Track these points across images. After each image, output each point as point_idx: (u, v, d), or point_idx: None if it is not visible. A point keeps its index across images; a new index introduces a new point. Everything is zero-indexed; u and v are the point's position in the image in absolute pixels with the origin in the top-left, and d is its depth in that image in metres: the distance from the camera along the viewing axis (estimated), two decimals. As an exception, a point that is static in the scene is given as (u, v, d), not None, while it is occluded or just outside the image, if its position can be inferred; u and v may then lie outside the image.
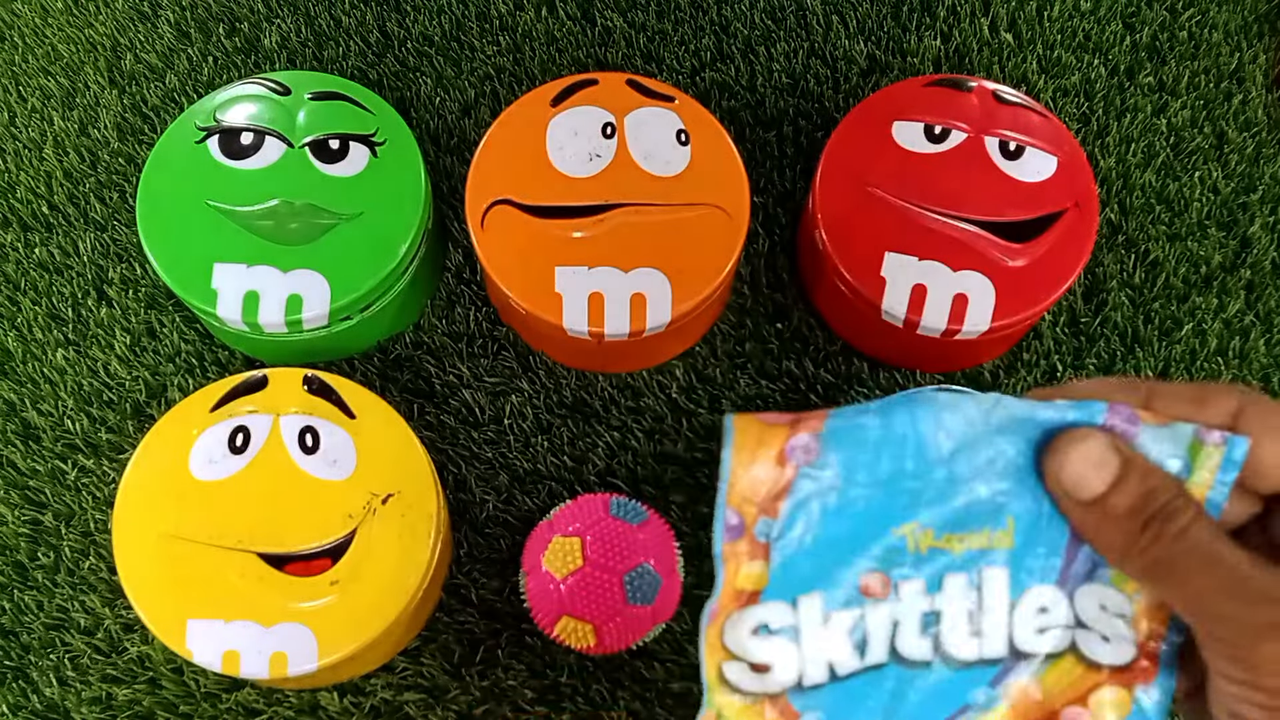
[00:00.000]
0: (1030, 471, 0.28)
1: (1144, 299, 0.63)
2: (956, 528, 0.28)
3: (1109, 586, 0.28)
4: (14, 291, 0.63)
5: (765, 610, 0.28)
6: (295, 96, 0.59)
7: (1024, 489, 0.28)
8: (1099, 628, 0.28)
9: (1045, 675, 0.28)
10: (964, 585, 0.28)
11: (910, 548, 0.28)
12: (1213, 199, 0.66)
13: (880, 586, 0.28)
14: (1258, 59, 0.69)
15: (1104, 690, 0.28)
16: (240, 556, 0.50)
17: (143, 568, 0.50)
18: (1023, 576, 0.28)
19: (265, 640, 0.49)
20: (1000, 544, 0.28)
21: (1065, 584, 0.28)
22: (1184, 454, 0.27)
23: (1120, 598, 0.28)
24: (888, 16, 0.70)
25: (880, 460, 0.28)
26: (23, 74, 0.68)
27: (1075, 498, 0.27)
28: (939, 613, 0.28)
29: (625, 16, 0.69)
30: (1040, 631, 0.28)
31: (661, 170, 0.57)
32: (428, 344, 0.62)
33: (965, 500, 0.28)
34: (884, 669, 0.28)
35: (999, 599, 0.28)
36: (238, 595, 0.49)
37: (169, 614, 0.49)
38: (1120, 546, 0.27)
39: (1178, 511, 0.26)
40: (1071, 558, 0.28)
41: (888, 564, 0.28)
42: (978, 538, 0.28)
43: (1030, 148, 0.58)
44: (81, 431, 0.59)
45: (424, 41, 0.69)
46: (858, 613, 0.28)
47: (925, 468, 0.28)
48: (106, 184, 0.65)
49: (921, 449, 0.28)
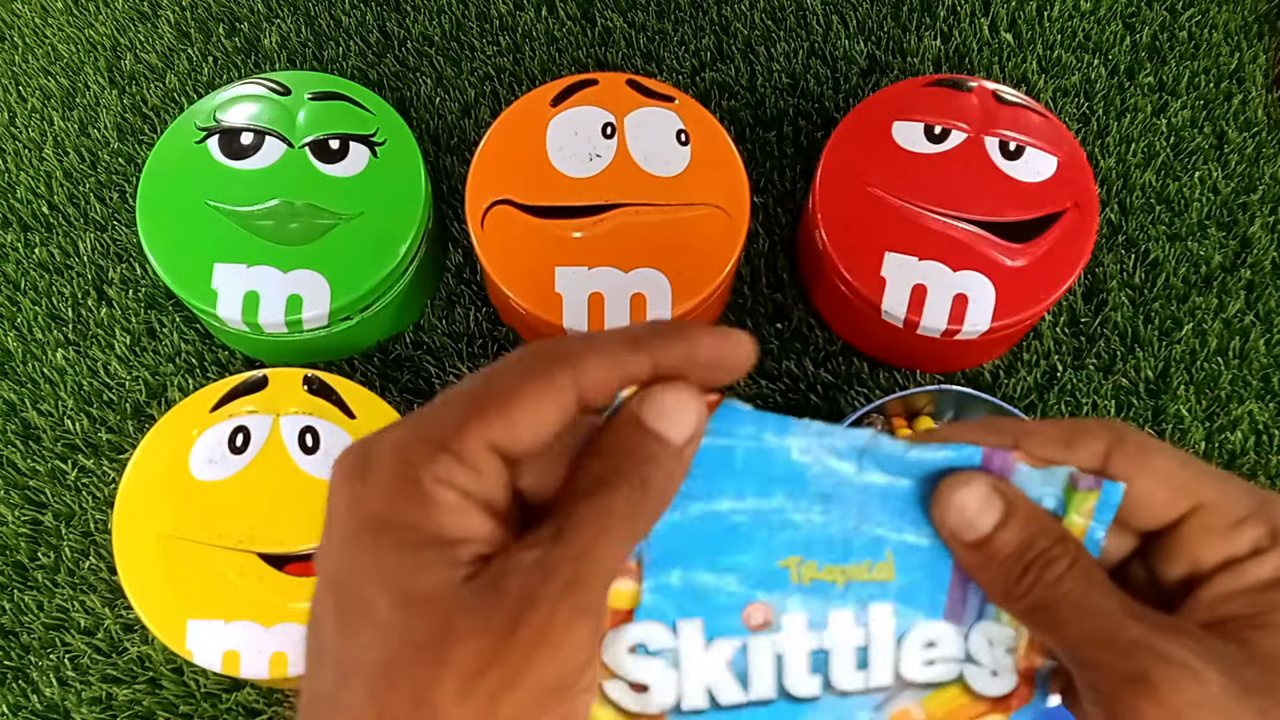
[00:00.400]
0: (906, 509, 0.28)
1: (1144, 299, 0.63)
2: (838, 559, 0.28)
3: (995, 621, 0.29)
4: (14, 291, 0.63)
5: (642, 630, 0.28)
6: (295, 96, 0.59)
7: (902, 525, 0.28)
8: (988, 663, 0.29)
9: (928, 700, 0.29)
10: (850, 622, 0.28)
11: (794, 578, 0.28)
12: (1213, 199, 0.66)
13: (763, 618, 0.28)
14: (1258, 59, 0.69)
15: (986, 719, 0.29)
16: (240, 556, 0.50)
17: (143, 568, 0.50)
18: (909, 612, 0.29)
19: (265, 640, 0.49)
20: (881, 575, 0.28)
21: (958, 619, 0.29)
22: (1059, 495, 0.27)
23: (1006, 632, 0.28)
24: (888, 16, 0.70)
25: (748, 487, 0.28)
26: (23, 74, 0.68)
27: (960, 539, 0.27)
28: (828, 651, 0.28)
29: (625, 16, 0.69)
30: (928, 664, 0.29)
31: (661, 170, 0.57)
32: (428, 344, 0.62)
33: (843, 533, 0.28)
34: (773, 705, 0.28)
35: (886, 635, 0.28)
36: (238, 595, 0.49)
37: (169, 614, 0.49)
38: (1001, 590, 0.27)
39: (1057, 558, 0.26)
40: (959, 594, 0.29)
41: (770, 593, 0.28)
42: (858, 569, 0.28)
43: (1030, 148, 0.58)
44: (81, 431, 0.59)
45: (424, 41, 0.69)
46: (739, 643, 0.28)
47: (799, 501, 0.28)
48: (106, 184, 0.65)
49: (794, 481, 0.28)
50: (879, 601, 0.28)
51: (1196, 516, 0.26)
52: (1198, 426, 0.61)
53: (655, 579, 0.27)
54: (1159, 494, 0.26)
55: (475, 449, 0.24)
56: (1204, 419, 0.61)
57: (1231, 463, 0.60)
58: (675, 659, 0.28)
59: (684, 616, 0.28)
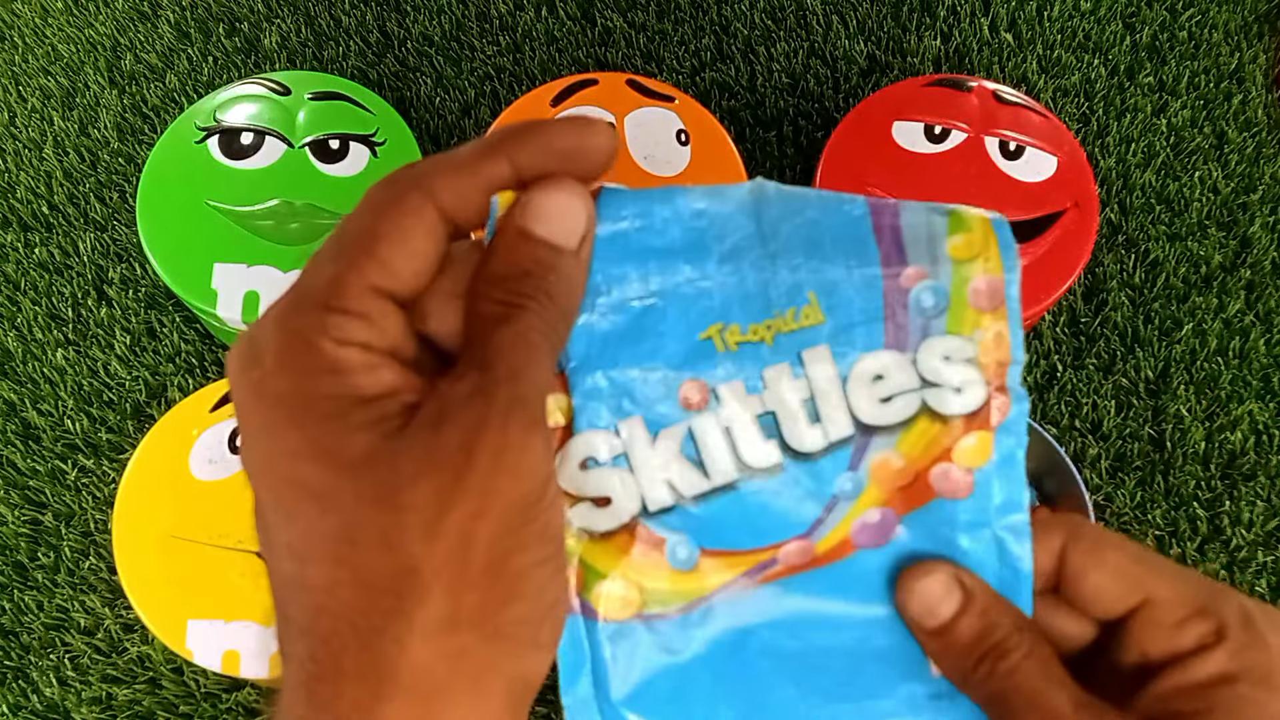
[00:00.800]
0: (818, 244, 0.27)
1: (1144, 299, 0.63)
2: (760, 315, 0.27)
3: (947, 336, 0.27)
4: (14, 291, 0.63)
5: (585, 442, 0.26)
6: (295, 96, 0.59)
7: (819, 262, 0.27)
8: (948, 381, 0.27)
9: (901, 443, 0.27)
10: (787, 375, 0.27)
11: (720, 347, 0.27)
12: (1213, 199, 0.66)
13: (699, 396, 0.27)
14: (1258, 59, 0.69)
15: (965, 440, 0.27)
16: (240, 556, 0.50)
17: (143, 568, 0.50)
18: (846, 350, 0.27)
19: (265, 640, 0.49)
20: (809, 321, 0.27)
21: (902, 345, 0.27)
22: (944, 221, 0.27)
23: (961, 342, 0.27)
24: (888, 16, 0.70)
25: (650, 266, 0.27)
26: (23, 74, 0.68)
27: (922, 626, 0.27)
28: (774, 412, 0.27)
29: (625, 16, 0.69)
30: (884, 401, 0.27)
31: (662, 170, 0.57)
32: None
33: (760, 287, 0.27)
34: (739, 485, 0.27)
35: (828, 380, 0.27)
36: (238, 595, 0.49)
37: (169, 614, 0.49)
38: (959, 677, 0.27)
39: (1011, 650, 0.26)
40: (897, 318, 0.27)
41: (700, 370, 0.27)
42: (783, 321, 0.27)
43: (1030, 148, 0.58)
44: (81, 431, 0.59)
45: (424, 41, 0.69)
46: (683, 428, 0.27)
47: (705, 266, 0.27)
48: (106, 184, 0.65)
49: (693, 250, 0.27)
50: (812, 347, 0.27)
51: (1146, 611, 0.27)
52: (1197, 426, 0.61)
53: (582, 387, 0.27)
54: (1111, 588, 0.27)
55: (359, 299, 0.23)
56: (1204, 419, 0.61)
57: (1231, 462, 0.60)
58: (627, 461, 0.27)
59: (622, 418, 0.27)
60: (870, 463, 0.27)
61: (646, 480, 0.27)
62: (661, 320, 0.27)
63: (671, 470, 0.27)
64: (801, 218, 0.27)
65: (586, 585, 0.27)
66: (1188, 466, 0.60)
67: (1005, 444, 0.27)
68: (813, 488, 0.27)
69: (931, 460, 0.27)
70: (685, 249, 0.27)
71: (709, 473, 0.27)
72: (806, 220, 0.27)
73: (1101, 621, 0.28)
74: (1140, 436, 0.61)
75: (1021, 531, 0.27)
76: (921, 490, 0.27)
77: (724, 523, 0.27)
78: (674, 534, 0.27)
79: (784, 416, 0.27)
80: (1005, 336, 0.27)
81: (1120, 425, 0.61)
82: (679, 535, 0.27)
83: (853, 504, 0.27)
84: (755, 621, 0.27)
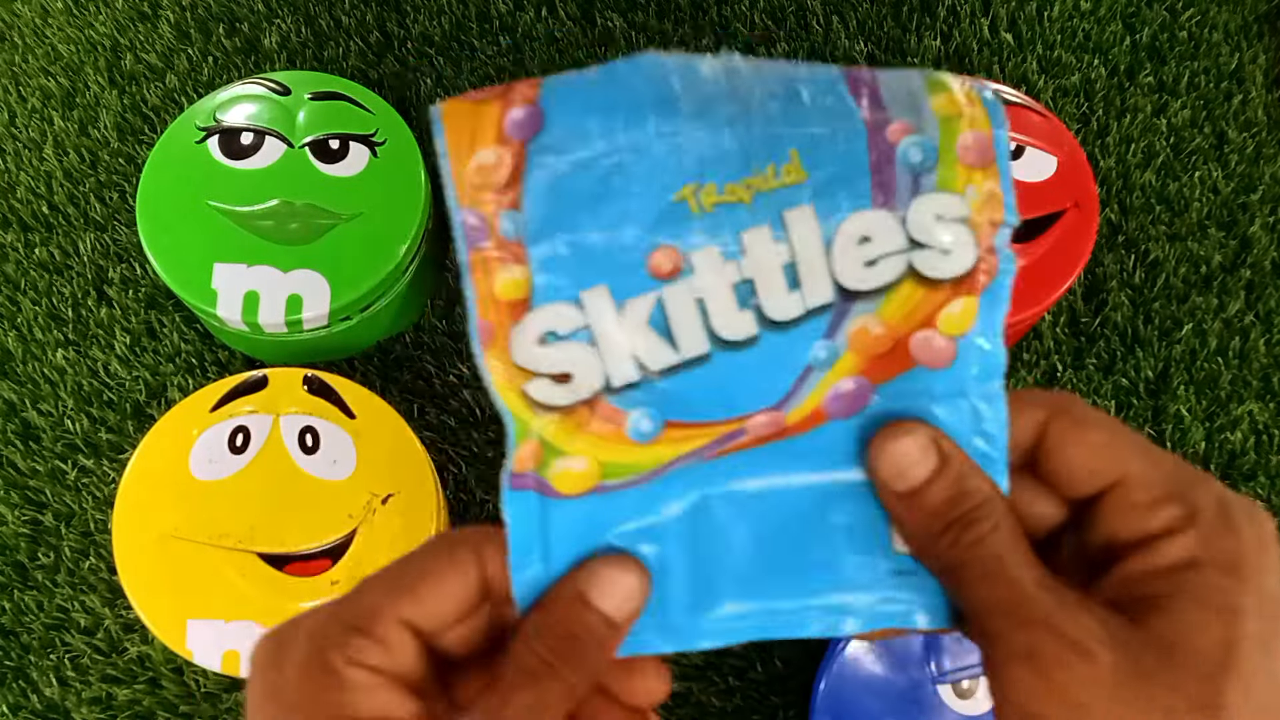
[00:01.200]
0: (797, 102, 0.25)
1: (1144, 299, 0.63)
2: (738, 174, 0.25)
3: (939, 193, 0.25)
4: (14, 291, 0.63)
5: (544, 315, 0.25)
6: (295, 96, 0.59)
7: (797, 118, 0.25)
8: (938, 242, 0.25)
9: (883, 309, 0.26)
10: (768, 239, 0.25)
11: (694, 209, 0.25)
12: (1213, 199, 0.66)
13: (671, 264, 0.25)
14: (1258, 59, 0.69)
15: (950, 306, 0.26)
16: (240, 556, 0.50)
17: (143, 568, 0.50)
18: (831, 210, 0.25)
19: (265, 640, 0.49)
20: (790, 179, 0.25)
21: (890, 202, 0.25)
22: (922, 87, 0.25)
23: (953, 199, 0.25)
24: (887, 17, 0.70)
25: (616, 120, 0.24)
26: (23, 74, 0.68)
27: (890, 488, 0.26)
28: (751, 280, 0.25)
29: (625, 17, 0.69)
30: (869, 264, 0.25)
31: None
32: (428, 344, 0.62)
33: (737, 142, 0.25)
34: (710, 360, 0.25)
35: (811, 242, 0.25)
36: (238, 595, 0.49)
37: (169, 614, 0.49)
38: (919, 543, 0.26)
39: (979, 520, 0.25)
40: (885, 171, 0.25)
41: (672, 235, 0.25)
42: (763, 179, 0.25)
43: (1030, 148, 0.58)
44: (81, 431, 0.59)
45: (424, 42, 0.69)
46: (653, 298, 0.25)
47: (676, 121, 0.25)
48: (106, 184, 0.65)
49: (663, 104, 0.24)
50: (794, 207, 0.25)
51: (1118, 490, 0.26)
52: (1198, 426, 0.61)
53: (541, 254, 0.25)
54: (1086, 463, 0.26)
55: (387, 627, 0.25)
56: (1204, 419, 0.61)
57: (1231, 462, 0.60)
58: (590, 336, 0.25)
59: (586, 287, 0.25)
60: (849, 330, 0.26)
61: (611, 355, 0.25)
62: (630, 180, 0.25)
63: (638, 343, 0.25)
64: (775, 79, 0.25)
65: (544, 463, 0.26)
66: (1188, 466, 0.60)
67: (989, 310, 0.26)
68: (786, 357, 0.26)
69: (913, 327, 0.26)
70: (654, 103, 0.24)
71: (678, 346, 0.25)
72: (781, 80, 0.25)
73: (1072, 502, 0.27)
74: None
75: (997, 398, 0.26)
76: (900, 359, 0.26)
77: (691, 395, 0.26)
78: (637, 409, 0.26)
79: (762, 284, 0.25)
80: (998, 194, 0.25)
81: (1120, 425, 0.61)
82: (642, 410, 0.26)
83: (827, 373, 0.26)
84: (714, 491, 0.26)
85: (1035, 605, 0.24)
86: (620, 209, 0.25)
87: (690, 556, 0.27)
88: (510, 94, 0.24)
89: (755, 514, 0.27)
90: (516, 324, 0.25)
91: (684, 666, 0.56)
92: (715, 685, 0.55)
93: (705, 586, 0.27)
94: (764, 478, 0.27)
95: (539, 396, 0.25)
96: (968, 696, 0.48)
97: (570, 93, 0.24)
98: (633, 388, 0.25)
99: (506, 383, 0.25)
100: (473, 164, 0.24)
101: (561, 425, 0.25)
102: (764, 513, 0.27)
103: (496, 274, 0.25)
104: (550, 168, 0.24)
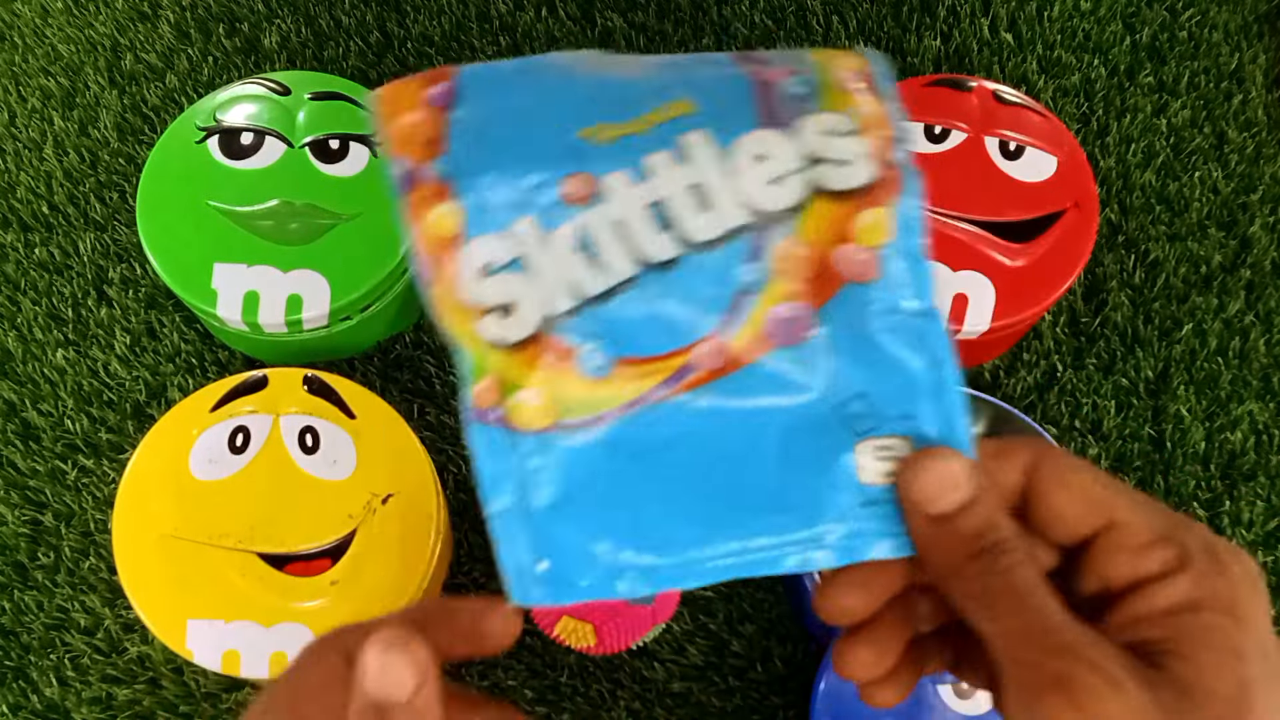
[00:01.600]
0: (680, 64, 0.28)
1: (1144, 299, 0.63)
2: (634, 113, 0.27)
3: (823, 113, 0.27)
4: (14, 291, 0.63)
5: (480, 246, 0.26)
6: (295, 96, 0.59)
7: (685, 71, 0.28)
8: (833, 155, 0.27)
9: (801, 229, 0.27)
10: (668, 161, 0.27)
11: (598, 142, 0.27)
12: (1213, 199, 0.66)
13: (584, 188, 0.27)
14: (1258, 59, 0.69)
15: (862, 217, 0.27)
16: (240, 556, 0.50)
17: (143, 568, 0.50)
18: (723, 132, 0.27)
19: (265, 640, 0.49)
20: (682, 110, 0.27)
21: (779, 122, 0.27)
22: (814, 79, 0.27)
23: (838, 118, 0.27)
24: (887, 17, 0.70)
25: (524, 87, 0.28)
26: (23, 74, 0.68)
27: (922, 510, 0.27)
28: (663, 200, 0.27)
29: (625, 17, 0.69)
30: (773, 182, 0.27)
31: (661, 170, 0.57)
32: (428, 344, 0.62)
33: (632, 90, 0.27)
34: (640, 281, 0.27)
35: (709, 160, 0.27)
36: (238, 595, 0.49)
37: (169, 614, 0.49)
38: (948, 569, 0.27)
39: (1009, 550, 0.26)
40: (768, 97, 0.27)
41: (582, 164, 0.27)
42: (657, 114, 0.27)
43: (1030, 148, 0.58)
44: (81, 431, 0.59)
45: (424, 42, 0.69)
46: (576, 224, 0.27)
47: (571, 79, 0.28)
48: (106, 184, 0.65)
49: (565, 73, 0.28)
50: (688, 132, 0.27)
51: (1109, 534, 0.27)
52: (1198, 426, 0.61)
53: (469, 189, 0.27)
54: (1073, 509, 0.27)
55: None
56: (1204, 419, 0.61)
57: (1231, 462, 0.60)
58: (525, 264, 0.26)
59: (513, 218, 0.27)
60: (772, 252, 0.27)
61: (546, 282, 0.26)
62: (537, 125, 0.27)
63: (569, 268, 0.26)
64: (667, 59, 0.28)
65: (504, 397, 0.27)
66: (1188, 467, 0.60)
67: (903, 219, 0.27)
68: (716, 280, 0.27)
69: (832, 242, 0.27)
70: (558, 73, 0.28)
71: (606, 269, 0.27)
72: (671, 58, 0.29)
73: (1063, 548, 0.28)
74: (1140, 437, 0.61)
75: (935, 319, 0.27)
76: (829, 277, 0.27)
77: (632, 326, 0.27)
78: (585, 342, 0.27)
79: (673, 205, 0.27)
80: (884, 112, 0.27)
81: (1120, 425, 0.61)
82: (591, 344, 0.27)
83: (759, 296, 0.27)
84: (676, 431, 0.27)
85: (1066, 634, 0.25)
86: (534, 147, 0.27)
87: (660, 495, 0.27)
88: (431, 75, 0.28)
89: (719, 451, 0.27)
90: (455, 257, 0.26)
91: (684, 667, 0.56)
92: (715, 685, 0.55)
93: (678, 522, 0.27)
94: (721, 413, 0.27)
95: (488, 335, 0.26)
96: (968, 697, 0.48)
97: (484, 71, 0.28)
98: (574, 315, 0.27)
99: (457, 320, 0.27)
100: (402, 122, 0.27)
101: (517, 361, 0.27)
102: (728, 451, 0.27)
103: (431, 211, 0.27)
104: (467, 124, 0.27)
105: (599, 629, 0.51)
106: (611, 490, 0.27)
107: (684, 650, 0.56)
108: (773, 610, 0.57)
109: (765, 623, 0.57)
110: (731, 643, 0.56)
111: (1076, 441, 0.60)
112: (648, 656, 0.56)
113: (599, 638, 0.52)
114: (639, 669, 0.56)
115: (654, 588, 0.27)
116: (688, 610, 0.57)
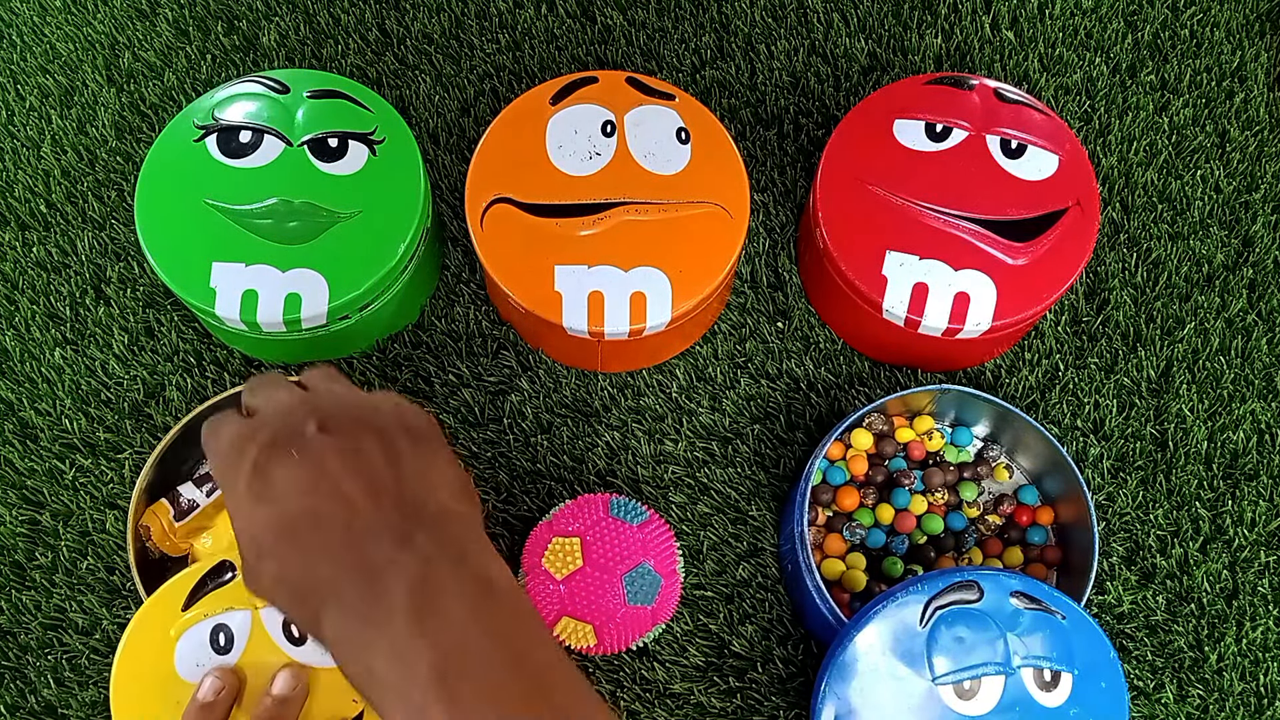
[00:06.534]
0: None
1: (1146, 298, 0.63)
2: None
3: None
4: (12, 290, 0.63)
5: None
6: (294, 95, 0.59)
7: None
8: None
9: None
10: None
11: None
12: (1215, 197, 0.66)
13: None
14: (1259, 57, 0.69)
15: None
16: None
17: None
18: None
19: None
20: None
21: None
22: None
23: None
24: (889, 14, 0.70)
25: None
26: (21, 72, 0.68)
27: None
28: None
29: (625, 14, 0.69)
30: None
31: (661, 169, 0.57)
32: (427, 343, 0.62)
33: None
34: None
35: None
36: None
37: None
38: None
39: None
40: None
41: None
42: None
43: (1032, 146, 0.58)
44: (79, 431, 0.59)
45: (423, 39, 0.69)
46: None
47: None
48: (104, 182, 0.65)
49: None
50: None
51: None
52: (1200, 425, 0.61)
53: None
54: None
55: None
56: (1206, 418, 0.61)
57: (1234, 462, 0.60)
58: None
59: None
60: None
61: None
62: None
63: None
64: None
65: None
66: (1190, 466, 0.60)
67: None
68: None
69: None
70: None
71: None
72: None
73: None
74: (1142, 436, 0.60)
75: None
76: None
77: None
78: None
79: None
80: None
81: (1122, 425, 0.61)
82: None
83: None
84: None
85: None
86: None
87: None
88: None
89: None
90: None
91: (685, 668, 0.55)
92: (717, 686, 0.55)
93: None
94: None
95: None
96: (968, 697, 0.48)
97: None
98: None
99: None
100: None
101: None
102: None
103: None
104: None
105: (599, 629, 0.51)
106: None
107: (684, 651, 0.56)
108: (773, 611, 0.57)
109: (766, 624, 0.57)
110: (732, 643, 0.56)
111: (1078, 441, 0.60)
112: (648, 657, 0.56)
113: (599, 638, 0.52)
114: (639, 669, 0.56)
115: None
116: (688, 611, 0.56)
